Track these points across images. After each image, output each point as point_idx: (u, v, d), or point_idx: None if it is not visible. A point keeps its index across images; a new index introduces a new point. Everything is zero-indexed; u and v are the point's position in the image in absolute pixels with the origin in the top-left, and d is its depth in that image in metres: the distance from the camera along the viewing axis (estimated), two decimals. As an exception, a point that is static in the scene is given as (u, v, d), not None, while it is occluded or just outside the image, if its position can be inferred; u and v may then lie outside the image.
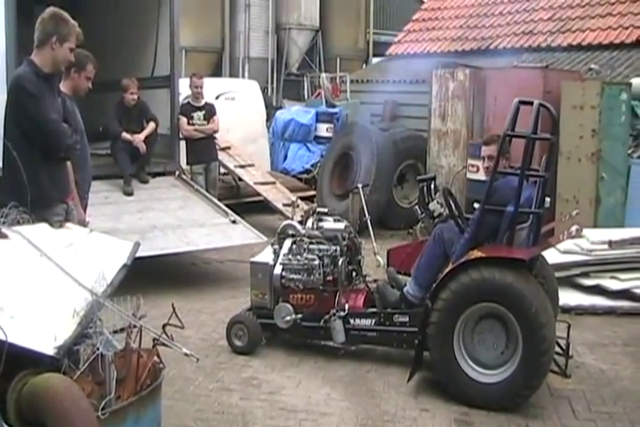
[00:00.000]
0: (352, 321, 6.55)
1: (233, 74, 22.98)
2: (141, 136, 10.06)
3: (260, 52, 23.44)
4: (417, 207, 6.78)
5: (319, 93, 17.80)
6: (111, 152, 10.40)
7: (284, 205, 11.94)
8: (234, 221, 9.65)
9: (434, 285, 5.87)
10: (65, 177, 5.69)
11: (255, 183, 12.55)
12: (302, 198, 13.19)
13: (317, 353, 6.81)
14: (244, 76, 22.38)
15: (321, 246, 6.69)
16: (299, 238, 6.77)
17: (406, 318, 6.34)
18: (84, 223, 6.01)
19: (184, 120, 10.98)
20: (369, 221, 9.20)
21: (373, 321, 6.49)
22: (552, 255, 8.02)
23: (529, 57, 14.71)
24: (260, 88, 16.14)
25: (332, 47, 24.13)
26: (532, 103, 5.72)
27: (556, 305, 6.32)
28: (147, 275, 8.22)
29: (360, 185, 9.65)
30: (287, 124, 15.80)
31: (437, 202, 6.62)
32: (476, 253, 5.64)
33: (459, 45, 16.43)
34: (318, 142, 15.71)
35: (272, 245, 6.99)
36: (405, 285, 6.48)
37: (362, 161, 11.88)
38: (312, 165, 15.31)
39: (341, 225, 6.77)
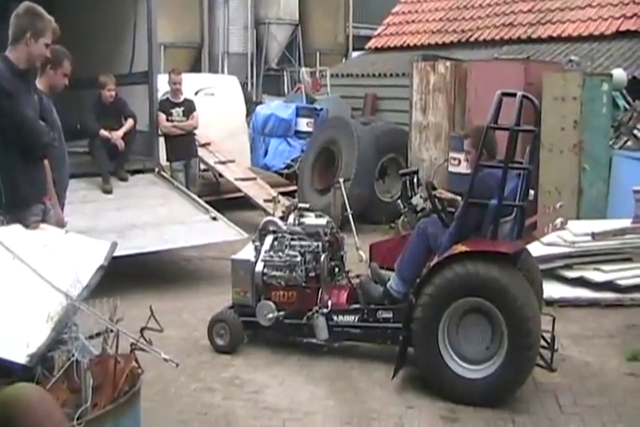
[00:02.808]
0: (335, 318, 6.48)
1: (212, 69, 22.89)
2: (120, 133, 9.95)
3: (240, 48, 23.35)
4: (400, 202, 6.72)
5: (299, 88, 17.74)
6: (89, 150, 10.25)
7: (265, 200, 11.88)
8: (214, 218, 9.56)
9: (418, 280, 5.81)
10: (42, 176, 5.54)
11: (236, 179, 12.47)
12: (283, 194, 13.03)
13: (300, 351, 6.72)
14: (223, 72, 22.34)
15: (302, 242, 6.61)
16: (280, 235, 6.70)
17: (390, 314, 6.27)
18: (62, 223, 5.88)
19: (163, 117, 10.88)
20: (350, 216, 9.10)
21: (357, 318, 6.42)
22: (535, 248, 7.99)
23: (509, 49, 14.64)
24: (239, 83, 16.02)
25: (312, 41, 24.07)
26: (514, 95, 5.66)
27: (540, 298, 6.25)
28: (126, 274, 8.11)
29: (341, 179, 9.55)
30: (267, 120, 15.72)
31: (420, 196, 6.54)
32: (460, 248, 5.58)
33: (439, 38, 16.33)
34: (299, 137, 15.63)
35: (253, 241, 6.91)
36: (389, 280, 6.40)
37: (343, 155, 11.81)
38: (293, 160, 15.22)
39: (323, 221, 6.70)
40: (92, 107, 10.14)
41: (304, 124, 15.60)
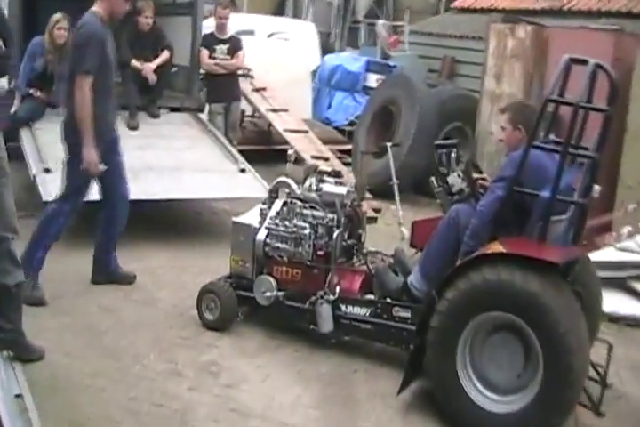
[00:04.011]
0: (343, 307, 5.37)
1: (296, 15, 22.03)
2: (152, 65, 9.02)
3: (327, -4, 22.36)
4: (433, 179, 5.50)
5: (397, 41, 16.51)
6: (121, 81, 9.29)
7: (313, 157, 10.73)
8: (242, 170, 8.43)
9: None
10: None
11: (285, 130, 11.32)
12: (340, 152, 12.09)
13: (301, 339, 5.66)
14: (306, 19, 21.31)
15: (315, 213, 5.48)
16: (291, 200, 5.57)
17: (407, 314, 5.12)
18: (92, 165, 5.95)
19: (205, 53, 9.81)
20: (395, 187, 7.95)
21: (368, 311, 5.29)
22: (605, 252, 6.72)
23: (605, 23, 13.12)
24: (323, 33, 14.98)
25: (403, -2, 22.70)
26: (586, 62, 4.44)
27: (596, 322, 5.03)
28: (141, 220, 7.24)
29: (389, 144, 8.36)
30: (334, 71, 14.54)
31: (458, 175, 5.32)
32: (495, 247, 4.38)
33: (530, 3, 14.81)
34: (367, 93, 14.35)
35: (263, 203, 5.79)
36: (411, 272, 5.25)
37: (402, 117, 10.53)
38: (357, 117, 13.96)
39: (343, 189, 5.49)
40: (127, 34, 9.18)
41: (373, 80, 14.33)
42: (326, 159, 10.72)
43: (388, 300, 5.27)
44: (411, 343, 4.80)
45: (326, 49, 17.25)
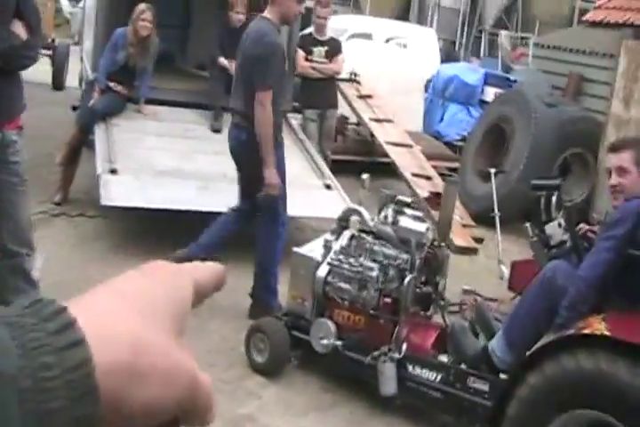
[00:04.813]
0: (410, 368, 4.46)
1: (420, 21, 21.21)
2: None
3: (453, 2, 21.48)
4: (528, 225, 4.53)
5: (521, 54, 15.47)
6: (209, 79, 8.63)
7: (414, 174, 9.81)
8: (328, 186, 7.59)
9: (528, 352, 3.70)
10: None
11: (387, 143, 10.43)
12: (449, 169, 11.22)
13: (361, 396, 4.81)
14: (431, 26, 20.46)
15: (387, 251, 4.57)
16: (359, 234, 4.69)
17: (485, 387, 4.17)
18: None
19: (301, 54, 9.02)
20: (497, 219, 7.02)
21: (439, 377, 4.37)
22: None
23: None
24: (446, 41, 14.15)
25: (533, 7, 21.61)
26: None
27: None
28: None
29: (492, 170, 7.39)
30: (449, 82, 13.51)
31: (559, 224, 4.33)
32: (597, 325, 3.42)
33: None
34: (483, 108, 13.35)
35: (332, 233, 4.93)
36: (494, 335, 4.31)
37: (515, 138, 9.50)
38: (470, 133, 12.99)
39: (422, 226, 4.57)
40: (217, 30, 8.54)
41: (491, 94, 13.29)
42: (428, 178, 9.81)
43: (464, 366, 4.34)
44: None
45: (450, 58, 16.39)
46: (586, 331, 3.42)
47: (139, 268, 0.66)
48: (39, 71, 14.86)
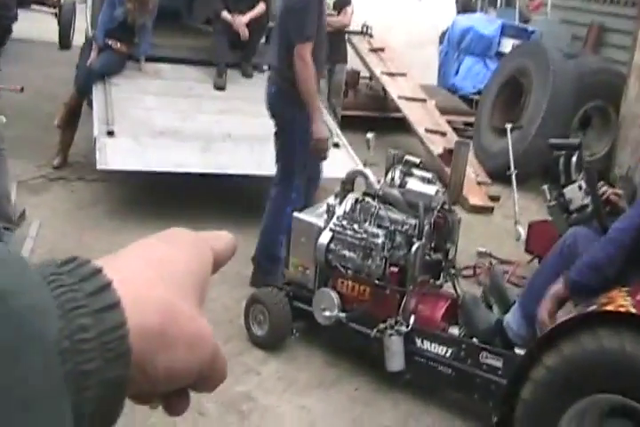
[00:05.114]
0: (418, 342, 4.16)
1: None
2: (244, 19, 7.83)
3: (469, -50, 20.72)
4: (545, 188, 4.17)
5: (539, 4, 14.88)
6: (212, 34, 8.26)
7: (427, 130, 9.46)
8: (336, 145, 7.23)
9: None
10: None
11: (399, 97, 10.07)
12: (466, 125, 10.89)
13: (367, 371, 4.52)
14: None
15: (394, 216, 4.23)
16: (364, 197, 4.35)
17: (499, 363, 3.86)
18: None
19: (308, 7, 8.58)
20: (513, 177, 6.67)
21: (450, 351, 4.06)
22: None
23: None
24: None
25: (552, -45, 20.84)
26: None
27: None
28: (212, 196, 6.78)
29: (509, 126, 7.00)
30: (465, 33, 13.04)
31: (579, 187, 3.96)
32: (621, 301, 3.07)
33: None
34: (500, 60, 12.90)
35: (335, 196, 4.59)
36: (511, 306, 3.99)
37: (533, 91, 9.06)
38: (485, 86, 12.54)
39: (431, 189, 4.21)
40: None
41: (509, 46, 12.78)
42: (443, 134, 9.45)
43: (476, 340, 4.03)
44: (493, 414, 3.56)
45: (466, 9, 15.80)
46: (609, 307, 3.06)
47: (158, 235, 0.67)
48: (45, 30, 14.62)
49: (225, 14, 7.81)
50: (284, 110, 5.31)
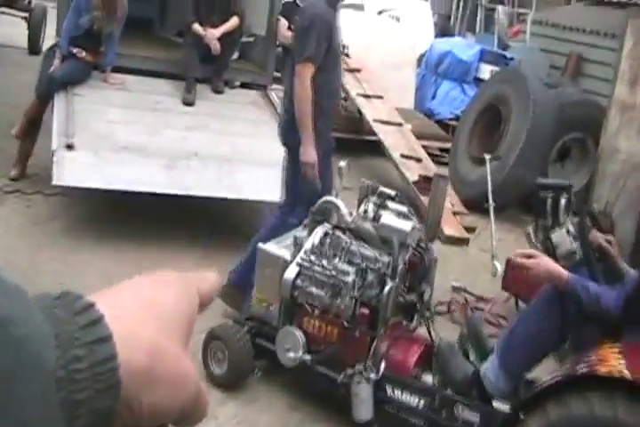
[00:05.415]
0: (388, 390, 3.84)
1: (414, -7, 20.42)
2: (216, 32, 7.51)
3: (449, -25, 20.83)
4: (530, 231, 3.86)
5: (518, 31, 14.82)
6: (183, 46, 7.97)
7: (403, 156, 9.20)
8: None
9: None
10: None
11: (375, 120, 9.82)
12: (442, 150, 10.64)
13: (334, 415, 4.20)
14: (427, -1, 19.78)
15: (366, 252, 3.92)
16: (334, 230, 4.04)
17: (475, 418, 3.55)
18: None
19: (284, 23, 8.46)
20: (491, 210, 6.40)
21: (422, 402, 3.75)
22: None
23: None
24: (441, 15, 13.68)
25: (532, -18, 20.84)
26: None
27: None
28: (175, 219, 6.44)
29: (487, 156, 6.75)
30: (443, 57, 12.86)
31: (567, 231, 3.65)
32: (613, 362, 2.77)
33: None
34: (478, 86, 12.70)
35: (303, 228, 4.28)
36: (489, 354, 3.68)
37: (512, 120, 8.83)
38: (463, 112, 12.34)
39: (407, 225, 3.91)
40: None
41: (487, 72, 12.64)
42: (419, 160, 9.20)
43: (450, 391, 3.71)
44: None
45: (444, 33, 15.72)
46: (602, 371, 2.77)
47: (147, 274, 0.67)
48: (15, 34, 14.25)
49: (196, 27, 7.51)
50: (294, 139, 5.11)
